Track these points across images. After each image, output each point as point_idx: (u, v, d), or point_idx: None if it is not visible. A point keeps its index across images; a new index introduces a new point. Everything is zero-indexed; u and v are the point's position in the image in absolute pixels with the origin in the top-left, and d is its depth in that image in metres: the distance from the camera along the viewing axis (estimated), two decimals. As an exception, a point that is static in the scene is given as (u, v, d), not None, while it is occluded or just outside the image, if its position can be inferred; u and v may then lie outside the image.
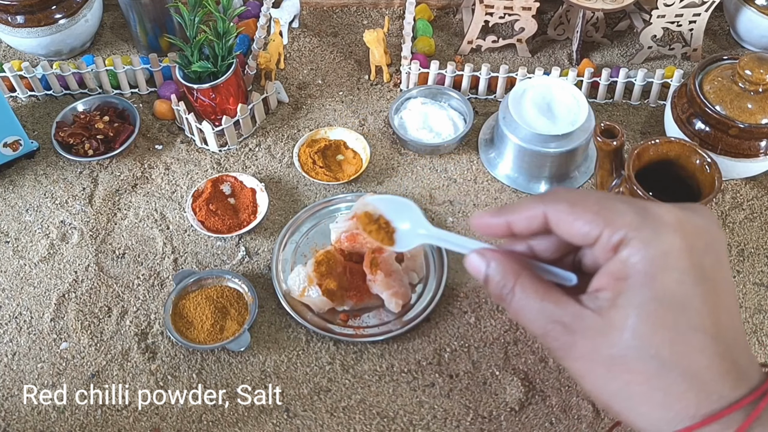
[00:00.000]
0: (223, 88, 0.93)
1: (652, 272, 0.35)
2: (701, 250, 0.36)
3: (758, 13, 1.04)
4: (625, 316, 0.35)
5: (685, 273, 0.35)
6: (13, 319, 0.82)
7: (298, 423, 0.74)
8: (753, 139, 0.86)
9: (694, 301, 0.35)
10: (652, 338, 0.35)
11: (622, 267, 0.36)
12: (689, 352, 0.35)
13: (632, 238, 0.35)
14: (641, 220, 0.36)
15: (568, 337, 0.37)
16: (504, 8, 1.03)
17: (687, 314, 0.35)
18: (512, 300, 0.39)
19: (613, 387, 0.36)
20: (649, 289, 0.35)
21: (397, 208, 0.45)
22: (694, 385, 0.35)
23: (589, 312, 0.36)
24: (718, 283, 0.36)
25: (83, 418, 0.75)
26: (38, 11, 1.01)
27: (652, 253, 0.35)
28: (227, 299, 0.81)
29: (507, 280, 0.39)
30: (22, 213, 0.91)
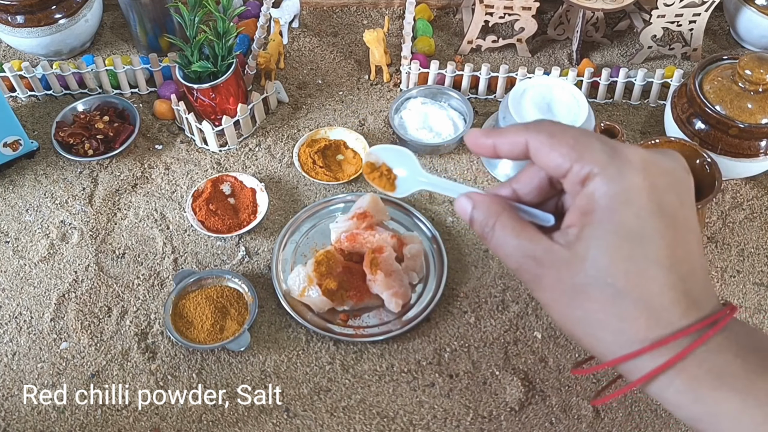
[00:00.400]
0: (223, 88, 0.93)
1: (613, 207, 0.37)
2: (663, 188, 0.38)
3: (758, 13, 1.04)
4: (586, 247, 0.38)
5: (643, 208, 0.37)
6: (13, 319, 0.82)
7: (298, 423, 0.74)
8: (753, 139, 0.86)
9: (650, 234, 0.37)
10: (609, 268, 0.37)
11: (587, 202, 0.38)
12: (642, 282, 0.37)
13: (597, 173, 0.38)
14: (608, 158, 0.38)
15: (538, 269, 0.40)
16: (504, 8, 1.03)
17: (643, 246, 0.37)
18: (492, 237, 0.41)
19: (576, 314, 0.39)
20: (609, 222, 0.37)
21: (397, 156, 0.50)
22: (645, 312, 0.37)
23: (558, 246, 0.39)
24: (677, 220, 0.38)
25: (83, 418, 0.75)
26: (38, 11, 1.01)
27: (614, 189, 0.37)
28: (227, 299, 0.81)
29: (489, 219, 0.42)
30: (22, 213, 0.91)
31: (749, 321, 0.81)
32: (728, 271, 0.85)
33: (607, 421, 0.74)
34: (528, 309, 0.82)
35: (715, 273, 0.85)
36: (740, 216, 0.90)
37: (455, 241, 0.88)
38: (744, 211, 0.91)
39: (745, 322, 0.40)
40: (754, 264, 0.86)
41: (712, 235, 0.88)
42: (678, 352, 0.37)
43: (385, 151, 0.50)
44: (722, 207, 0.91)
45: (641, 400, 0.75)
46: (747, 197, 0.92)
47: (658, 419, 0.74)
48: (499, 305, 0.82)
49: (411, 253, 0.83)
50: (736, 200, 0.91)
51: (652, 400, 0.75)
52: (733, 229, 0.89)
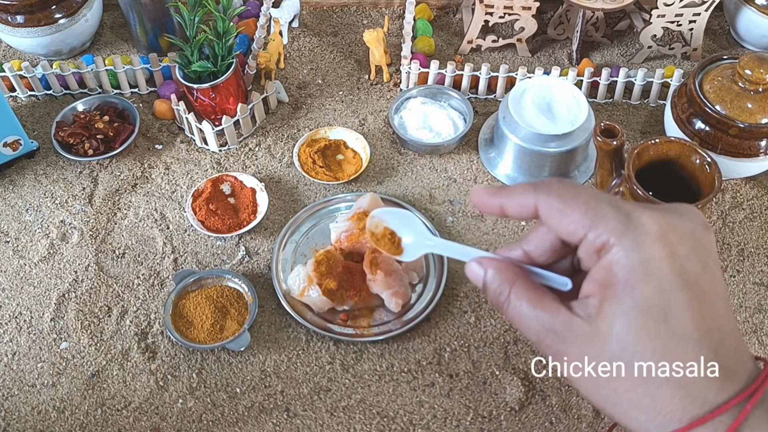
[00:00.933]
0: (223, 88, 0.93)
1: (633, 281, 0.36)
2: (684, 256, 0.36)
3: (758, 13, 1.04)
4: (609, 325, 0.36)
5: (665, 281, 0.36)
6: (13, 319, 0.82)
7: (298, 423, 0.74)
8: (753, 139, 0.86)
9: (675, 308, 0.36)
10: (636, 347, 0.36)
11: (605, 274, 0.37)
12: (672, 359, 0.35)
13: (614, 244, 0.36)
14: (624, 227, 0.36)
15: (560, 344, 0.38)
16: (504, 8, 1.03)
17: (669, 322, 0.35)
18: (508, 307, 0.40)
19: (603, 392, 0.37)
20: (630, 298, 0.36)
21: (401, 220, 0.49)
22: (678, 391, 0.35)
23: (578, 320, 0.37)
24: (702, 287, 0.36)
25: (83, 418, 0.75)
26: (38, 11, 1.01)
27: (632, 262, 0.36)
28: (227, 299, 0.81)
29: (503, 287, 0.40)
30: (22, 213, 0.92)
31: (749, 321, 0.81)
32: (728, 271, 0.85)
33: (608, 421, 0.74)
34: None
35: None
36: (740, 216, 0.90)
37: (455, 241, 0.88)
38: (744, 211, 0.91)
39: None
40: (754, 264, 0.86)
41: (712, 234, 0.88)
42: None
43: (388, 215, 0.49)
44: (722, 207, 0.91)
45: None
46: (747, 197, 0.92)
47: None
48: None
49: (411, 253, 0.83)
50: (736, 200, 0.91)
51: None
52: (733, 229, 0.89)
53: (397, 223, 0.49)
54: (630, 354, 0.36)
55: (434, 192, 0.93)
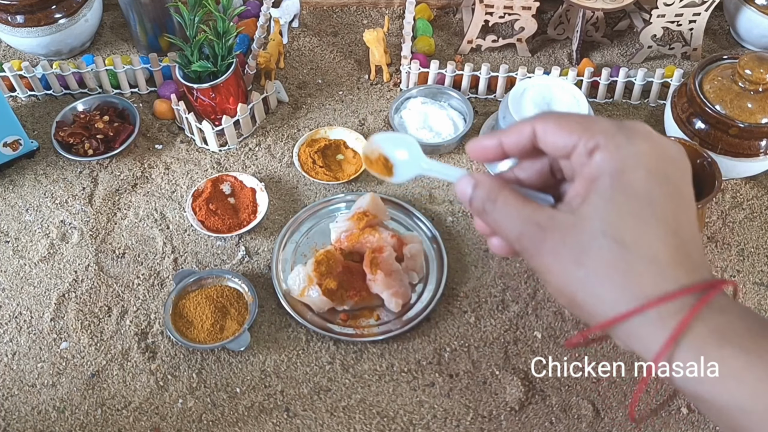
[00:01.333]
0: (223, 88, 0.93)
1: (622, 168, 0.38)
2: (667, 161, 0.39)
3: (758, 13, 1.04)
4: (594, 207, 0.38)
5: (651, 173, 0.38)
6: (13, 319, 0.82)
7: (298, 423, 0.74)
8: (753, 139, 0.86)
9: (658, 197, 0.38)
10: (618, 223, 0.38)
11: (594, 169, 0.39)
12: (650, 239, 0.38)
13: (606, 143, 0.39)
14: (616, 128, 0.39)
15: (541, 234, 0.40)
16: (504, 8, 1.03)
17: (651, 206, 0.38)
18: (493, 210, 0.42)
19: (577, 275, 0.38)
20: (618, 182, 0.38)
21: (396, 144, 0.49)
22: (651, 268, 0.37)
23: (561, 213, 0.40)
24: (681, 190, 0.39)
25: (83, 418, 0.75)
26: (38, 11, 1.01)
27: (623, 154, 0.38)
28: (227, 299, 0.81)
29: (491, 194, 0.42)
30: (22, 213, 0.91)
31: (749, 321, 0.81)
32: (728, 270, 0.85)
33: (607, 421, 0.74)
34: (528, 309, 0.82)
35: (715, 273, 0.85)
36: (740, 216, 0.90)
37: (455, 241, 0.88)
38: (744, 211, 0.91)
39: None
40: (754, 264, 0.86)
41: (712, 234, 0.88)
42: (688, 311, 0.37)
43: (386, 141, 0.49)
44: (722, 207, 0.91)
45: (641, 400, 0.75)
46: (747, 197, 0.92)
47: (658, 419, 0.74)
48: (499, 305, 0.82)
49: (411, 253, 0.83)
50: (736, 200, 0.91)
51: (652, 400, 0.75)
52: (733, 229, 0.89)
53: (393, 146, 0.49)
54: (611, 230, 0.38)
55: (434, 192, 0.93)
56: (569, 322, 0.80)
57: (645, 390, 0.40)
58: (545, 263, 0.40)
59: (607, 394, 0.75)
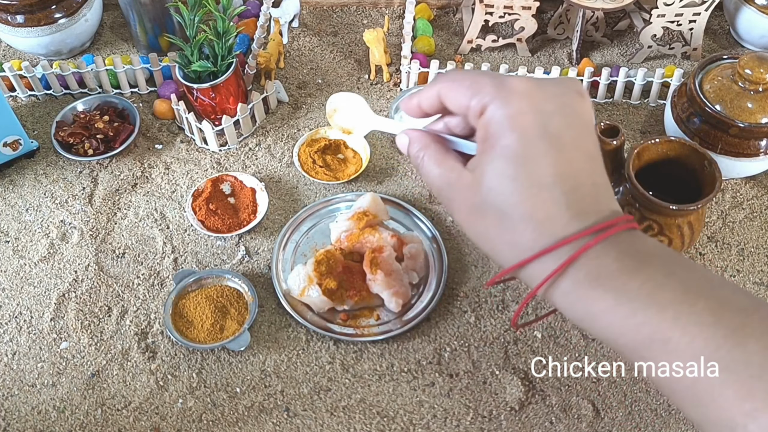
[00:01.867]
0: (223, 88, 0.93)
1: (500, 132, 0.42)
2: (548, 112, 0.42)
3: (758, 13, 1.04)
4: (482, 172, 0.43)
5: (527, 131, 0.42)
6: (13, 319, 0.82)
7: (298, 422, 0.74)
8: (753, 139, 0.86)
9: (533, 155, 0.42)
10: (498, 188, 0.42)
11: (483, 132, 0.43)
12: (526, 199, 0.42)
13: (488, 104, 0.43)
14: (496, 90, 0.43)
15: (451, 193, 0.46)
16: (504, 7, 1.03)
17: (527, 167, 0.42)
18: (422, 166, 0.48)
19: (478, 230, 0.45)
20: (498, 147, 0.42)
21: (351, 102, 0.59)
22: (530, 225, 0.42)
23: (466, 172, 0.45)
24: (562, 140, 0.42)
25: (83, 418, 0.75)
26: (38, 11, 1.01)
27: (500, 117, 0.42)
28: (227, 299, 0.81)
29: (420, 152, 0.48)
30: (22, 212, 0.92)
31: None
32: (728, 270, 0.85)
33: (607, 421, 0.74)
34: (528, 309, 0.82)
35: (715, 272, 0.85)
36: (740, 215, 0.90)
37: (455, 240, 0.88)
38: (744, 211, 0.91)
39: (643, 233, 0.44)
40: (754, 263, 0.86)
41: (712, 234, 0.88)
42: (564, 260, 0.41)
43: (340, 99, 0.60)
44: (722, 206, 0.91)
45: (641, 399, 0.75)
46: (747, 197, 0.92)
47: (658, 419, 0.74)
48: (499, 305, 0.82)
49: (411, 253, 0.83)
50: (736, 200, 0.91)
51: (652, 400, 0.75)
52: (733, 229, 0.89)
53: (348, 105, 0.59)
54: (493, 195, 0.42)
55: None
56: (569, 323, 0.80)
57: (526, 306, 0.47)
58: (457, 218, 0.46)
59: (607, 394, 0.75)
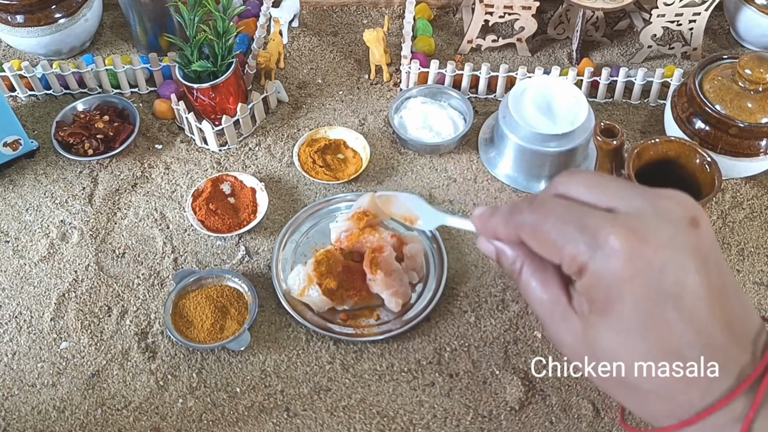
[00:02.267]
0: (223, 88, 0.93)
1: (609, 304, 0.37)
2: (659, 268, 0.36)
3: (758, 12, 1.04)
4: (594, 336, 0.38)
5: (640, 300, 0.36)
6: (13, 319, 0.82)
7: (298, 422, 0.74)
8: (753, 139, 0.86)
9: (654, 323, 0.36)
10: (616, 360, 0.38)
11: (586, 291, 0.38)
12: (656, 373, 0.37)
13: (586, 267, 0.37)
14: (592, 251, 0.36)
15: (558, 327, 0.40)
16: (504, 7, 1.03)
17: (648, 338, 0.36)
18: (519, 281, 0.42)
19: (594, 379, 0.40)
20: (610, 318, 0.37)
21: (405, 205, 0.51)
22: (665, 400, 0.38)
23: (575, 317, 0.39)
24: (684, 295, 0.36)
25: (83, 418, 0.75)
26: (38, 11, 1.01)
27: (605, 285, 0.36)
28: (227, 299, 0.81)
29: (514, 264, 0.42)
30: (22, 212, 0.91)
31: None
32: (728, 270, 0.85)
33: (607, 421, 0.74)
34: (528, 308, 0.82)
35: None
36: (740, 215, 0.90)
37: (455, 240, 0.88)
38: (744, 211, 0.91)
39: None
40: (754, 263, 0.86)
41: (712, 234, 0.88)
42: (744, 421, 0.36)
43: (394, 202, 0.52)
44: (722, 206, 0.91)
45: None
46: (747, 197, 0.92)
47: (658, 419, 0.74)
48: (499, 305, 0.82)
49: (411, 253, 0.83)
50: (736, 200, 0.91)
51: None
52: (733, 229, 0.89)
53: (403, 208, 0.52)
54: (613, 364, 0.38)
55: (434, 192, 0.93)
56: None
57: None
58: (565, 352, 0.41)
59: (607, 394, 0.75)
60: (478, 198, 0.92)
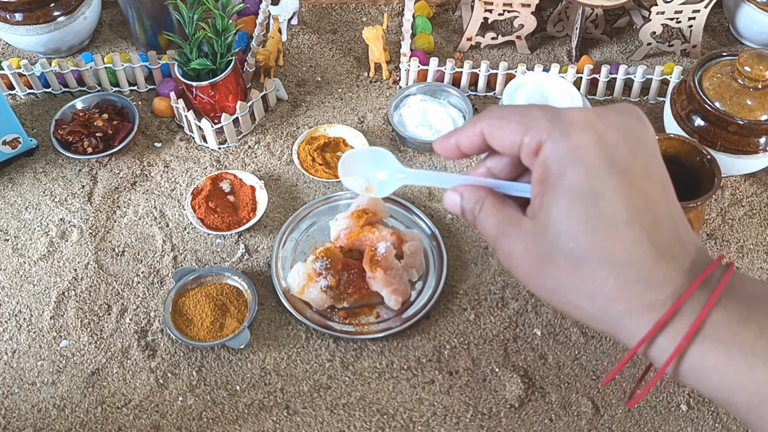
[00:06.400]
0: (222, 86, 0.93)
1: (562, 170, 0.37)
2: (612, 144, 0.37)
3: (757, 10, 1.04)
4: (546, 216, 0.38)
5: (592, 166, 0.37)
6: (13, 317, 0.82)
7: (298, 420, 0.74)
8: (752, 136, 0.86)
9: (603, 191, 0.37)
10: (569, 232, 0.37)
11: (542, 171, 0.38)
12: (602, 241, 0.36)
13: (545, 140, 0.38)
14: (552, 124, 0.38)
15: (510, 242, 0.40)
16: (503, 5, 1.03)
17: (597, 205, 0.36)
18: (478, 219, 0.43)
19: (547, 283, 0.39)
20: (562, 186, 0.37)
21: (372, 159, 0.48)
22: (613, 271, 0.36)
23: (526, 219, 0.40)
24: (631, 172, 0.37)
25: (83, 416, 0.75)
26: (37, 9, 1.01)
27: (560, 152, 0.37)
28: (227, 297, 0.81)
29: (475, 206, 0.43)
30: (22, 211, 0.91)
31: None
32: (727, 267, 0.85)
33: (607, 418, 0.74)
34: (528, 306, 0.82)
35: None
36: (739, 213, 0.90)
37: (455, 238, 0.88)
38: (743, 208, 0.91)
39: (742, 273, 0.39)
40: (753, 261, 0.86)
41: (712, 231, 0.88)
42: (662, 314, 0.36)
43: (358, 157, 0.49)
44: (721, 204, 0.91)
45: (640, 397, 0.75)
46: (746, 194, 0.92)
47: (657, 416, 0.74)
48: (498, 302, 0.82)
49: (410, 251, 0.83)
50: (736, 197, 0.92)
51: (651, 397, 0.75)
52: (733, 226, 0.89)
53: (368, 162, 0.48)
54: (565, 240, 0.37)
55: (433, 189, 0.93)
56: (569, 320, 0.80)
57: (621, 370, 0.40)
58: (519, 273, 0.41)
59: (607, 391, 0.75)
60: (478, 196, 0.92)
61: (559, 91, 0.90)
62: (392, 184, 0.48)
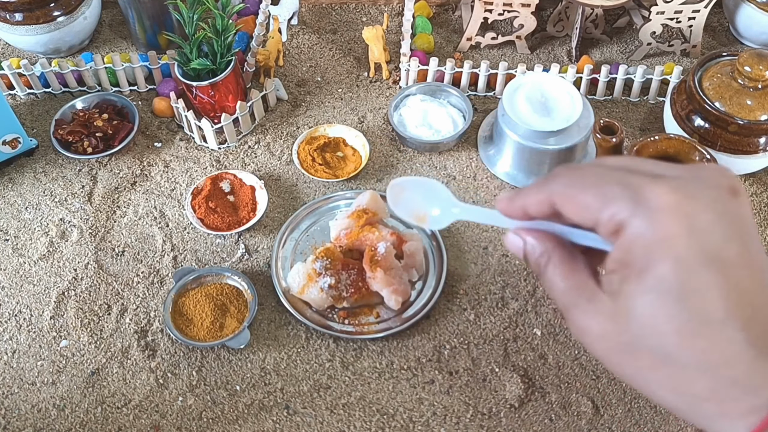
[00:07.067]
0: (222, 86, 0.93)
1: (648, 260, 0.34)
2: (703, 229, 0.33)
3: (757, 10, 1.04)
4: (629, 305, 0.35)
5: (682, 260, 0.33)
6: (13, 317, 0.82)
7: (298, 420, 0.74)
8: (752, 136, 0.86)
9: (696, 287, 0.33)
10: (654, 329, 0.34)
11: (622, 255, 0.35)
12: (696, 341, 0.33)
13: (627, 220, 0.34)
14: (635, 204, 0.34)
15: (586, 319, 0.37)
16: (503, 5, 1.03)
17: (689, 302, 0.33)
18: (543, 276, 0.39)
19: (627, 371, 0.36)
20: (647, 278, 0.34)
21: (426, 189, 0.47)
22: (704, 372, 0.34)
23: (602, 296, 0.36)
24: (728, 261, 0.34)
25: (83, 416, 0.75)
26: (37, 9, 1.01)
27: (647, 240, 0.34)
28: (227, 297, 0.81)
29: (541, 257, 0.39)
30: (22, 211, 0.91)
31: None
32: (727, 267, 0.85)
33: (607, 418, 0.74)
34: (527, 306, 0.82)
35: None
36: (739, 213, 0.90)
37: (455, 238, 0.88)
38: (743, 208, 0.90)
39: None
40: (753, 260, 0.86)
41: (712, 231, 0.88)
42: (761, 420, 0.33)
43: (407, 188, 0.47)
44: (721, 204, 0.91)
45: (640, 396, 0.75)
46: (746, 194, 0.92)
47: (657, 415, 0.74)
48: (498, 302, 0.82)
49: (411, 251, 0.83)
50: (736, 197, 0.91)
51: (651, 397, 0.75)
52: (733, 226, 0.89)
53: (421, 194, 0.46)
54: (650, 335, 0.34)
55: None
56: (569, 320, 0.80)
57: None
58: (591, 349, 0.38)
59: (607, 391, 0.76)
60: (478, 196, 0.92)
61: (559, 91, 0.91)
62: (446, 219, 0.46)
